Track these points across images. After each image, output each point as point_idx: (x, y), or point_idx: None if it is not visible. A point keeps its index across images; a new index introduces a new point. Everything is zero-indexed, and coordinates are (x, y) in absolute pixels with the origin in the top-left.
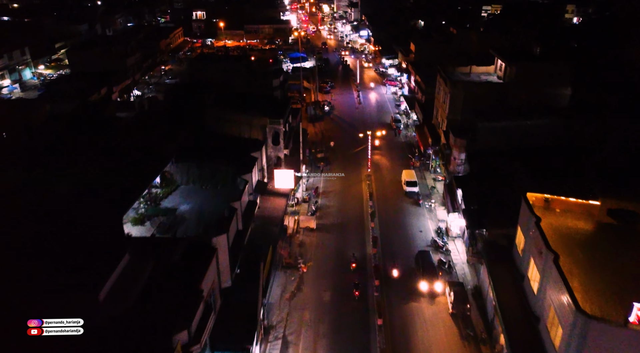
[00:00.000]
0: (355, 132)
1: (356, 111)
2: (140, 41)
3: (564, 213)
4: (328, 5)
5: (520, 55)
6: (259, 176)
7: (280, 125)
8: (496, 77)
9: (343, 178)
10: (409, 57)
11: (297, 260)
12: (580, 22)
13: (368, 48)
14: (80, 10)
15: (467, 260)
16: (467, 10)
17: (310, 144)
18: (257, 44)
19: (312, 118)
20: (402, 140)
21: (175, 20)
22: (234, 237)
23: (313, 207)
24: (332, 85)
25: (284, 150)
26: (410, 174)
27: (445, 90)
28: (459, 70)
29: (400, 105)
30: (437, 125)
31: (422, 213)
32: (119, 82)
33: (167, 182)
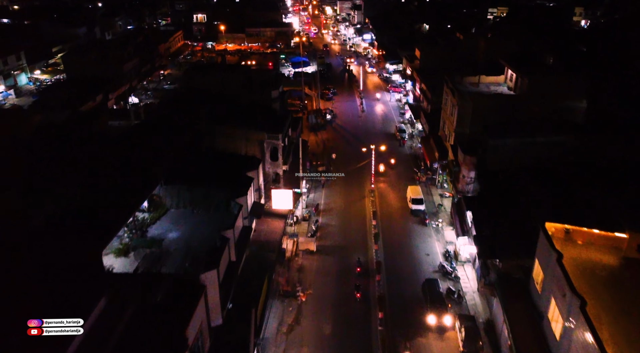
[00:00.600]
0: (358, 143)
1: (359, 120)
2: (138, 45)
3: (587, 246)
4: (331, 7)
5: (532, 65)
6: (255, 197)
7: (279, 141)
8: (506, 88)
9: (345, 193)
10: (414, 64)
11: (295, 288)
12: (589, 25)
13: (371, 52)
14: (81, 12)
15: (477, 288)
16: (472, 14)
17: (310, 155)
18: (258, 47)
19: (314, 127)
20: (407, 151)
21: (176, 23)
22: (225, 270)
23: (313, 226)
24: (334, 92)
25: (282, 166)
26: (416, 191)
27: (452, 101)
28: (467, 80)
29: (405, 113)
30: (444, 138)
31: (429, 234)
32: (115, 89)
33: (156, 206)
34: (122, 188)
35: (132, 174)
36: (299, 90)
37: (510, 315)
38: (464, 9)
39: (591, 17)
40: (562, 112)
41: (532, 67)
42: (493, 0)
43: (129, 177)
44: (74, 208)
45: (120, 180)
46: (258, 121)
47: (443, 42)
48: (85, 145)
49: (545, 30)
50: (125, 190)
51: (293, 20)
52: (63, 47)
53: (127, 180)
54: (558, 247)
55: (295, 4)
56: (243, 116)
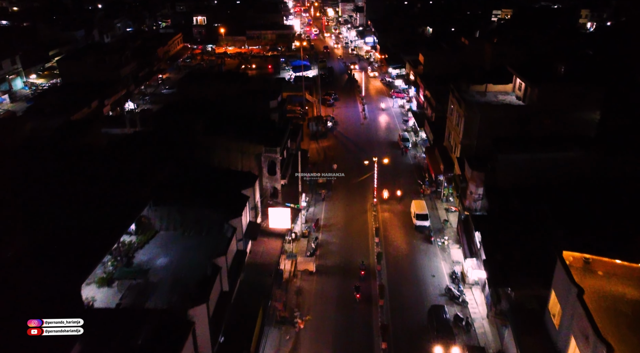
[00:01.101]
0: (359, 152)
1: (361, 127)
2: (136, 49)
3: (609, 277)
4: (333, 9)
5: (542, 73)
6: (250, 216)
7: (277, 154)
8: (515, 98)
9: (346, 207)
10: (418, 69)
11: (293, 313)
12: (595, 28)
13: (374, 55)
14: (80, 14)
15: (487, 315)
16: (476, 16)
17: (310, 165)
18: (259, 50)
19: (314, 135)
20: (411, 161)
21: (176, 25)
22: (216, 302)
23: (313, 244)
24: (336, 97)
25: (280, 181)
26: (421, 206)
27: (458, 111)
28: (473, 88)
29: (408, 120)
30: (450, 149)
31: (434, 253)
32: (111, 94)
33: (144, 229)
34: (108, 209)
35: (119, 193)
36: (300, 95)
37: (524, 350)
38: (468, 11)
39: (597, 19)
40: (574, 124)
41: (542, 76)
42: (497, 2)
43: (116, 196)
44: (55, 232)
45: (106, 199)
46: (255, 133)
47: (448, 47)
48: (74, 159)
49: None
50: (111, 212)
51: (294, 22)
52: (60, 51)
53: (114, 200)
54: (577, 278)
55: (297, 5)
56: (240, 127)
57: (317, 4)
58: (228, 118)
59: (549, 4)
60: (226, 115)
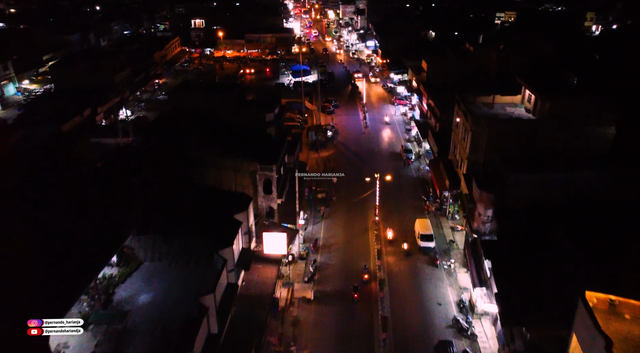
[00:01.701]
0: (361, 164)
1: (362, 136)
2: (132, 53)
3: (637, 321)
4: (334, 11)
5: (552, 84)
6: (243, 241)
7: (273, 172)
8: (524, 110)
9: (347, 225)
10: (421, 76)
11: (289, 348)
12: (601, 31)
13: (375, 60)
14: (77, 18)
15: (498, 352)
16: (479, 19)
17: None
18: (258, 54)
19: (314, 144)
20: (414, 174)
21: (175, 28)
22: (203, 346)
23: (311, 268)
24: (336, 105)
25: (277, 200)
26: (425, 225)
27: (465, 125)
28: (480, 100)
29: (411, 130)
30: (455, 163)
31: (440, 277)
32: (105, 102)
33: (126, 260)
34: (88, 239)
35: (101, 220)
36: (299, 102)
37: None
38: (471, 14)
39: (602, 22)
40: (589, 139)
41: (553, 87)
42: (500, 5)
43: (97, 223)
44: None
45: (86, 227)
46: (250, 149)
47: (451, 54)
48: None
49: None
50: (91, 243)
51: (294, 25)
52: (55, 55)
53: (95, 227)
54: (602, 323)
55: (297, 7)
56: (234, 142)
57: (318, 6)
58: (221, 132)
59: (552, 5)
60: (220, 129)
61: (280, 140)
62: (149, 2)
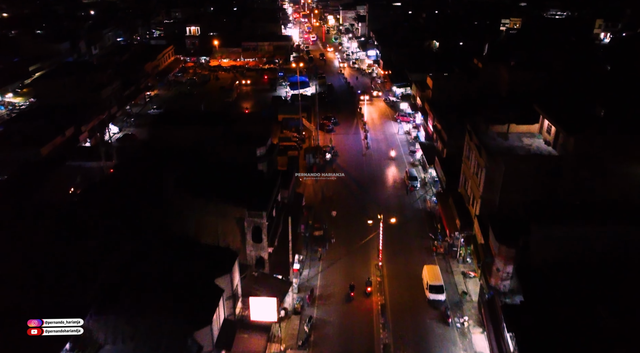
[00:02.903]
0: (362, 193)
1: (363, 159)
2: (122, 64)
3: None
4: (334, 16)
5: (574, 112)
6: (227, 308)
7: (263, 219)
8: (542, 142)
9: (347, 269)
10: (425, 93)
11: None
12: (611, 39)
13: (377, 70)
14: (69, 23)
15: None
16: (484, 26)
17: (306, 210)
18: (255, 63)
19: (311, 168)
20: (420, 205)
21: (169, 35)
22: None
23: (306, 327)
24: (335, 122)
25: (268, 249)
26: (434, 274)
27: (478, 160)
28: (493, 129)
29: (416, 152)
30: (466, 199)
31: (452, 340)
32: (90, 118)
33: (83, 344)
34: None
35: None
36: (297, 119)
37: None
38: (475, 21)
39: (611, 29)
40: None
41: (576, 118)
42: (506, 11)
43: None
44: None
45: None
46: (238, 190)
47: (459, 70)
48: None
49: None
50: None
51: (293, 32)
52: (42, 65)
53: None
54: None
55: (296, 11)
56: (220, 182)
57: (317, 12)
58: (206, 170)
59: (557, 11)
60: (204, 166)
61: (273, 177)
62: (145, 7)
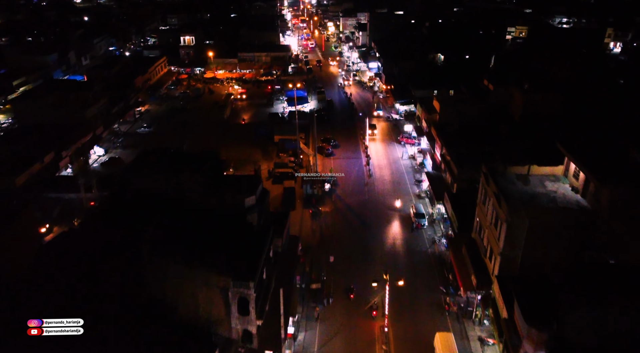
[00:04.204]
0: (364, 231)
1: (365, 189)
2: (111, 78)
3: None
4: (334, 23)
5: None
6: None
7: (250, 290)
8: (569, 188)
9: (347, 332)
10: (432, 116)
11: None
12: (622, 50)
13: (379, 84)
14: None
15: None
16: (490, 35)
17: (302, 253)
18: (252, 74)
19: (309, 199)
20: (428, 248)
21: (163, 43)
22: None
23: None
24: (335, 144)
25: (256, 321)
26: (448, 344)
27: (496, 209)
28: (512, 170)
29: (422, 182)
30: (482, 249)
31: None
32: (73, 142)
33: None
34: None
35: None
36: (294, 140)
37: None
38: (480, 31)
39: (621, 39)
40: None
41: (609, 163)
42: (511, 19)
43: None
44: None
45: None
46: (223, 250)
47: (467, 92)
48: None
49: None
50: None
51: (292, 40)
52: (28, 78)
53: None
54: None
55: (295, 15)
56: (203, 239)
57: (317, 18)
58: (186, 225)
59: (563, 17)
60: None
61: (264, 231)
62: (140, 14)
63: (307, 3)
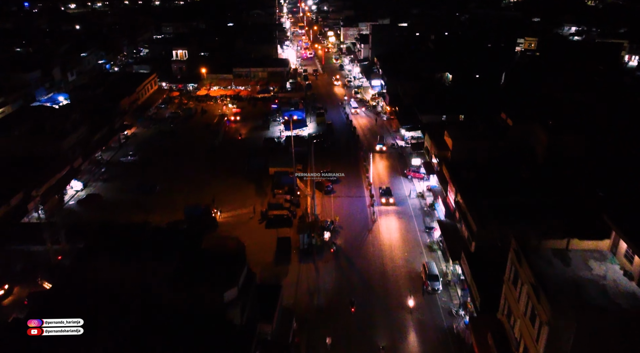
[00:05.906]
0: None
1: (369, 236)
2: (94, 99)
3: None
4: (334, 32)
5: None
6: None
7: None
8: (619, 269)
9: None
10: (444, 153)
11: None
12: (638, 64)
13: (382, 104)
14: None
15: None
16: (499, 48)
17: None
18: (247, 92)
19: (307, 252)
20: (444, 322)
21: (155, 56)
22: None
23: None
24: (336, 180)
25: None
26: None
27: (534, 303)
28: (547, 245)
29: (433, 230)
30: (512, 341)
31: None
32: (46, 178)
33: None
34: None
35: None
36: (290, 174)
37: None
38: (489, 43)
39: (637, 52)
40: None
41: None
42: (520, 29)
43: None
44: None
45: None
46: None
47: (483, 128)
48: None
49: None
50: None
51: (290, 53)
52: (6, 99)
53: None
54: None
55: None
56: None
57: (317, 28)
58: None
59: (572, 26)
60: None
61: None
62: (133, 23)
63: (306, 10)
